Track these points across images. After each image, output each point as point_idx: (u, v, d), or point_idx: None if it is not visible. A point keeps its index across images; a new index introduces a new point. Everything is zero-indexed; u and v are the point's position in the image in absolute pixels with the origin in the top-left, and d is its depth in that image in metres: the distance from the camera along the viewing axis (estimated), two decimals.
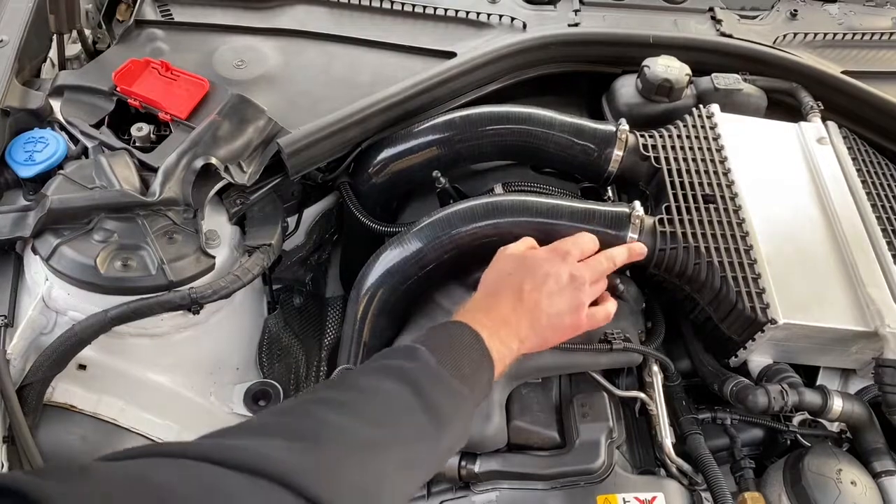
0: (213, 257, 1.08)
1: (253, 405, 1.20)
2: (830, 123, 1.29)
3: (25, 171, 1.11)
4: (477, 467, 0.96)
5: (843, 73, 1.40)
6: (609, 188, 1.26)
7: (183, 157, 1.09)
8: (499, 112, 1.19)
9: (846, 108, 1.37)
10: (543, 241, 1.05)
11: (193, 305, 1.03)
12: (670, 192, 1.11)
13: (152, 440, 1.11)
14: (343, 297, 1.51)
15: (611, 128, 1.19)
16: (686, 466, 0.98)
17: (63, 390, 1.05)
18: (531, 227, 1.05)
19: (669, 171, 1.14)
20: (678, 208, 1.09)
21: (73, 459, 1.05)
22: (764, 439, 1.07)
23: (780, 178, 1.18)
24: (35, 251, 1.04)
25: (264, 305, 1.31)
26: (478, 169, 1.26)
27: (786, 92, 1.37)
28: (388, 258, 1.07)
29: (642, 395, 1.01)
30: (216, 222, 1.14)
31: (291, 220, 1.28)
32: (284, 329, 1.34)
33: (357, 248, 1.36)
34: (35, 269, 1.06)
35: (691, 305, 1.09)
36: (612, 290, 1.02)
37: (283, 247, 1.26)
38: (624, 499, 0.91)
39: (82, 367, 1.06)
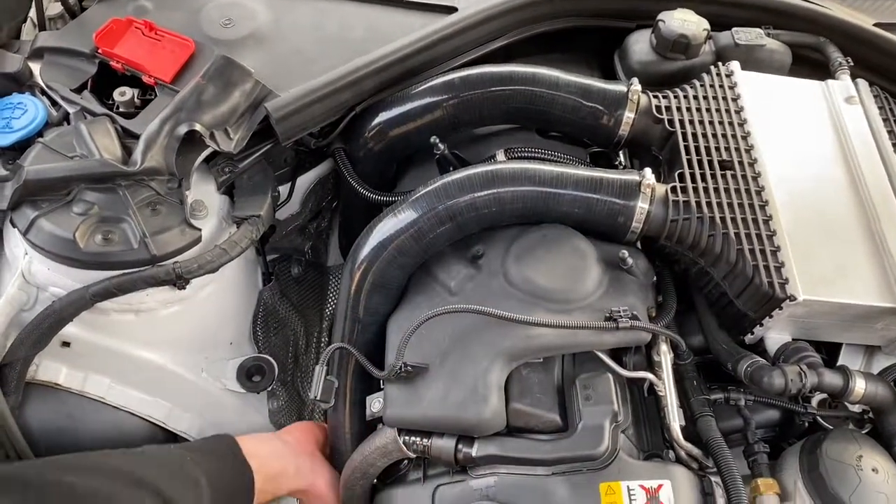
0: (199, 230, 1.03)
1: (247, 381, 1.16)
2: (861, 81, 1.20)
3: (3, 140, 1.06)
4: (474, 451, 0.91)
5: (875, 25, 1.30)
6: (620, 153, 1.18)
7: (166, 123, 1.04)
8: (502, 72, 1.11)
9: (878, 64, 1.27)
10: (544, 212, 0.99)
11: (179, 280, 0.99)
12: (684, 157, 1.04)
13: (143, 418, 1.08)
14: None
15: (622, 88, 1.11)
16: (696, 451, 0.93)
17: (48, 368, 1.02)
18: (534, 198, 0.98)
19: (684, 134, 1.07)
20: (692, 175, 1.02)
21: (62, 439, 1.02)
22: (780, 421, 1.01)
23: (804, 142, 1.10)
24: (13, 224, 1.00)
25: (259, 277, 1.26)
26: (479, 134, 1.19)
27: (812, 47, 1.27)
28: (383, 230, 1.01)
29: (650, 375, 0.95)
30: (204, 192, 1.09)
31: (285, 189, 1.22)
32: (281, 301, 1.30)
33: (355, 217, 1.31)
34: (14, 242, 1.02)
35: (705, 280, 1.03)
36: (621, 262, 0.96)
37: (277, 216, 1.21)
38: (628, 486, 0.86)
39: (66, 344, 1.02)
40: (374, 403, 0.99)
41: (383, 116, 1.15)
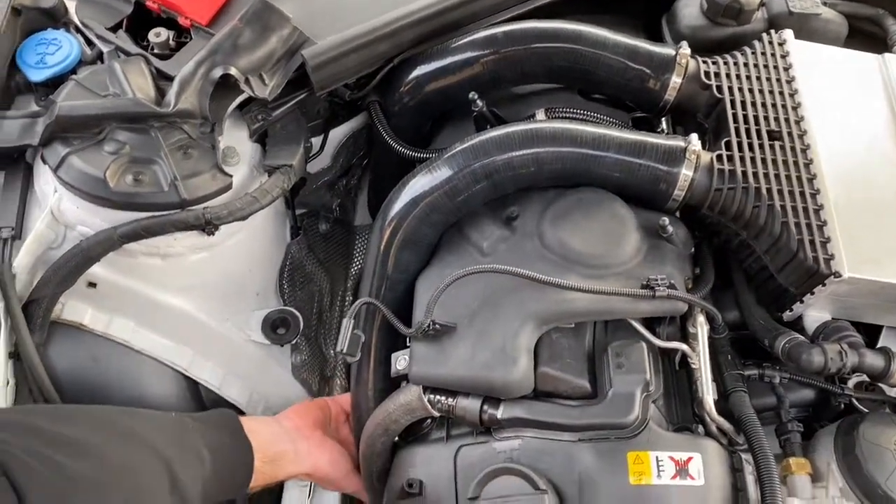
0: (231, 176, 1.01)
1: (271, 333, 1.15)
2: None
3: (36, 75, 1.05)
4: (499, 413, 0.89)
5: None
6: (663, 120, 1.15)
7: (201, 65, 1.01)
8: (546, 28, 1.08)
9: None
10: (584, 174, 0.96)
11: (208, 226, 0.97)
12: (732, 125, 1.00)
13: (166, 364, 1.07)
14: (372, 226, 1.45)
15: (670, 51, 1.07)
16: (727, 426, 0.90)
17: (73, 308, 1.01)
18: (574, 159, 0.95)
19: (732, 102, 1.03)
20: (739, 144, 0.98)
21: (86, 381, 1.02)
22: (814, 401, 0.99)
23: (856, 116, 1.06)
24: (44, 160, 0.98)
25: (287, 230, 1.24)
26: (519, 92, 1.15)
27: (870, 19, 1.23)
28: (416, 186, 0.99)
29: (684, 346, 0.93)
30: (236, 139, 1.07)
31: (317, 141, 1.20)
32: (308, 256, 1.28)
33: (386, 175, 1.28)
34: (44, 179, 1.01)
35: (745, 253, 1.00)
36: (661, 230, 0.93)
37: (308, 169, 1.18)
38: (657, 457, 0.84)
39: (92, 285, 1.01)
40: (400, 361, 0.97)
41: (421, 70, 1.12)
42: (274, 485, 1.05)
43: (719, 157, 0.96)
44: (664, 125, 1.15)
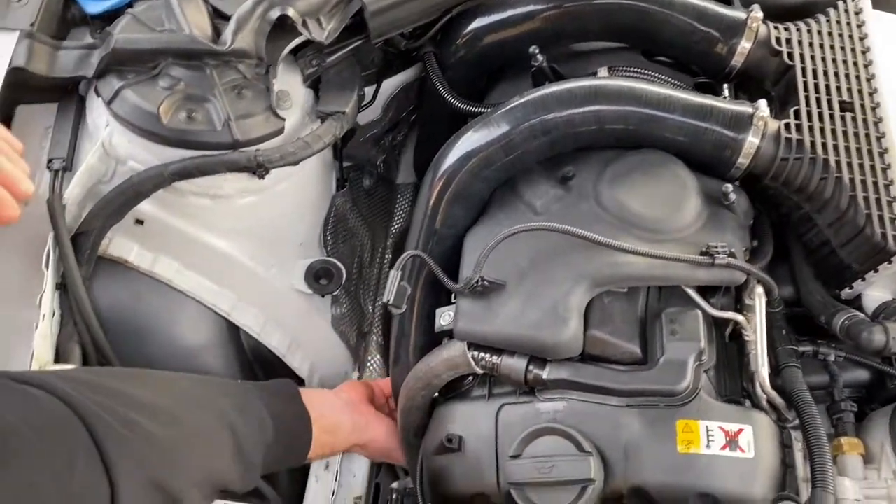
0: (283, 119, 1.00)
1: (314, 282, 1.14)
2: None
3: (93, 7, 1.04)
4: (545, 373, 0.87)
5: None
6: (725, 87, 1.11)
7: (258, 5, 0.99)
8: None
9: None
10: (646, 136, 0.93)
11: (259, 169, 0.96)
12: (802, 94, 0.97)
13: (208, 307, 1.07)
14: (414, 185, 1.43)
15: (741, 15, 1.03)
16: (779, 400, 0.88)
17: (120, 244, 1.01)
18: (637, 119, 0.93)
19: (803, 70, 0.99)
20: (809, 114, 0.95)
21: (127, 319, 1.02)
22: (869, 382, 0.96)
23: None
24: (98, 93, 0.97)
25: (333, 181, 1.23)
26: (580, 49, 1.12)
27: None
28: (472, 139, 0.97)
29: (740, 317, 0.90)
30: (289, 83, 1.06)
31: (369, 92, 1.18)
32: (352, 210, 1.27)
33: (435, 131, 1.26)
34: (97, 112, 1.00)
35: (806, 227, 0.96)
36: (723, 197, 0.90)
37: (358, 119, 1.17)
38: (707, 427, 0.82)
39: (140, 222, 1.00)
40: (444, 316, 0.96)
41: (480, 21, 1.09)
42: (331, 454, 1.06)
43: (787, 126, 0.93)
44: (726, 92, 1.11)
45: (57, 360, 0.94)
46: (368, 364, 1.28)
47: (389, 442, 1.06)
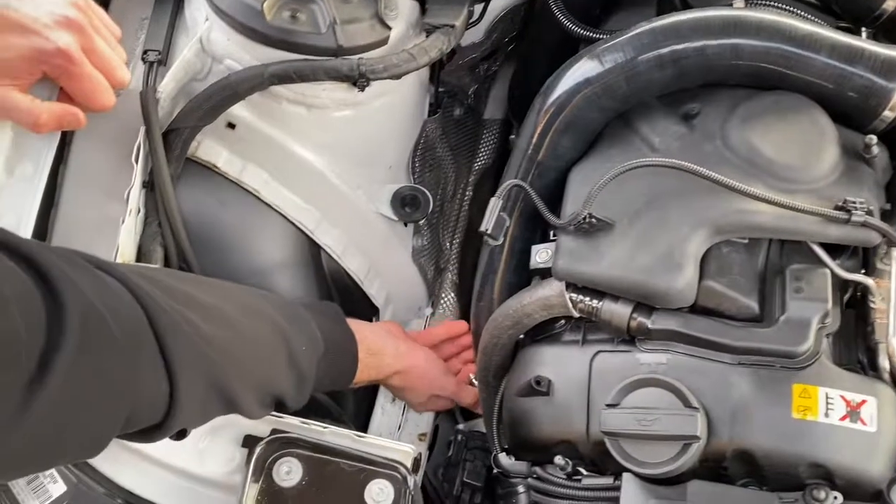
0: (390, 28, 0.94)
1: (400, 209, 1.10)
2: None
3: None
4: (651, 322, 0.82)
5: None
6: (864, 31, 1.01)
7: None
8: None
9: None
10: (784, 76, 0.85)
11: (360, 79, 0.91)
12: None
13: (293, 222, 1.03)
14: (502, 122, 1.37)
15: None
16: None
17: (209, 148, 0.97)
18: (778, 56, 0.84)
19: None
20: None
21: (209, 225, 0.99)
22: None
23: None
24: None
25: (426, 105, 1.17)
26: None
27: None
28: (588, 66, 0.89)
29: (870, 281, 0.83)
30: None
31: (477, 9, 1.11)
32: (441, 138, 1.21)
33: (537, 62, 1.19)
34: (196, 6, 0.96)
35: None
36: (865, 150, 0.82)
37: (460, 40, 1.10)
38: (827, 394, 0.76)
39: (231, 126, 0.97)
40: (542, 253, 0.90)
41: None
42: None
43: None
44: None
45: (138, 259, 0.91)
46: (442, 300, 1.24)
47: (433, 368, 1.08)
